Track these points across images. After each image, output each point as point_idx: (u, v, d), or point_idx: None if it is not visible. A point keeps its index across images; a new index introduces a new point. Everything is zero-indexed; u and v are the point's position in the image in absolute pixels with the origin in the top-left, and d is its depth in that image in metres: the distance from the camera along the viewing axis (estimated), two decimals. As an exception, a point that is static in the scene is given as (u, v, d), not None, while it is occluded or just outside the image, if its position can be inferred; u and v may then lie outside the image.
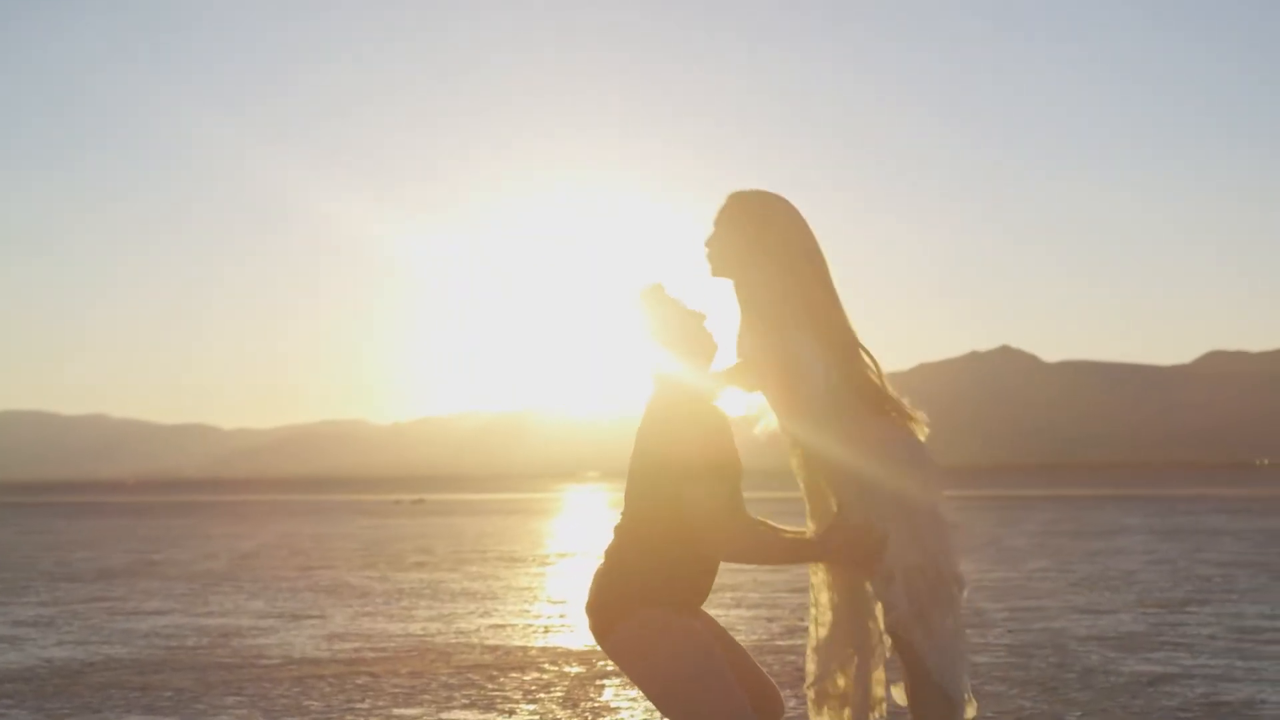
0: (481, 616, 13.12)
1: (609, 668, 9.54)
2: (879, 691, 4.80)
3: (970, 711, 4.67)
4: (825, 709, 4.77)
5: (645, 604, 4.33)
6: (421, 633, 11.83)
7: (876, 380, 4.65)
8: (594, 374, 5.18)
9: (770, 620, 12.27)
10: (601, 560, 4.49)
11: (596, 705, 8.05)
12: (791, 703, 7.61)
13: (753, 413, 4.78)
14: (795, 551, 4.48)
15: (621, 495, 4.63)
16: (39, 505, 73.15)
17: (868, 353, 4.67)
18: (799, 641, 10.87)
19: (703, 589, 4.49)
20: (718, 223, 4.66)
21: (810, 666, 4.81)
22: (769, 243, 4.58)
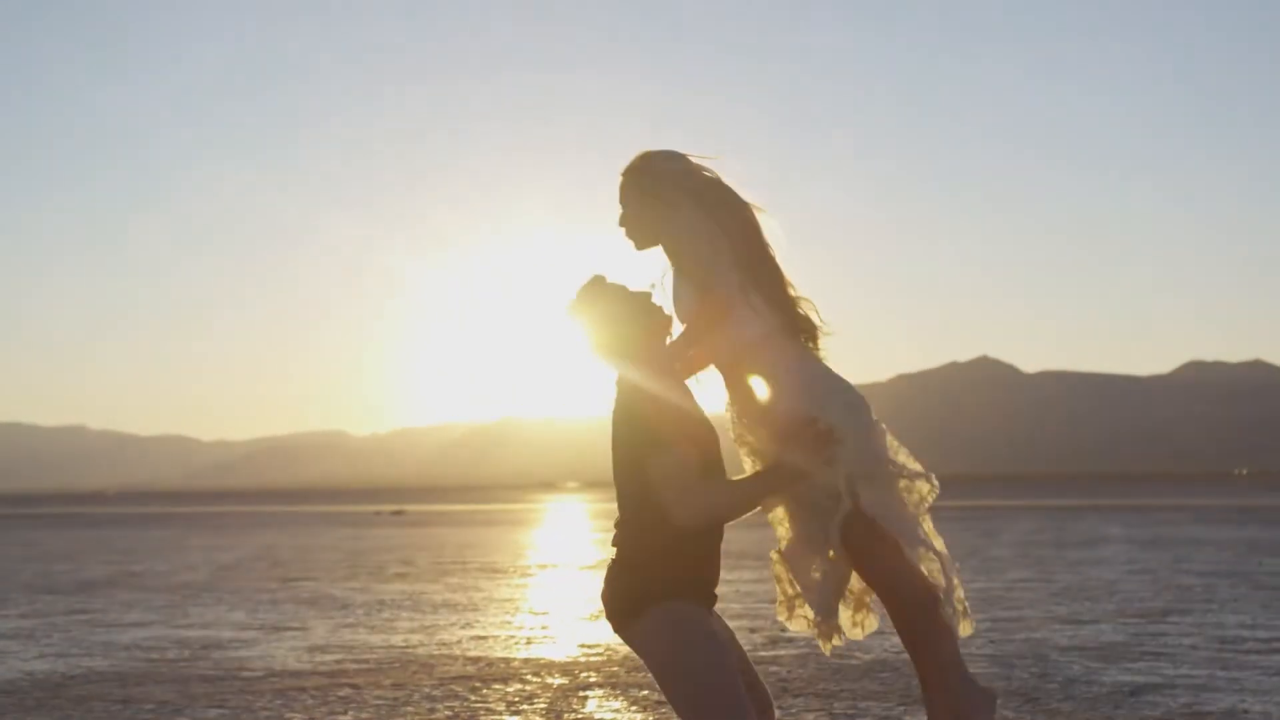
0: (463, 628, 13.10)
1: (592, 679, 9.54)
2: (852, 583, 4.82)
3: (967, 628, 4.69)
4: (796, 613, 4.80)
5: (664, 595, 4.35)
6: (403, 644, 11.80)
7: (794, 300, 4.70)
8: (573, 383, 5.20)
9: (753, 630, 12.26)
10: (614, 552, 4.50)
11: (580, 717, 8.04)
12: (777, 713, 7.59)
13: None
14: (766, 483, 4.47)
15: (604, 501, 4.63)
16: (17, 517, 72.87)
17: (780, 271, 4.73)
18: (782, 652, 10.88)
19: (713, 572, 4.48)
20: (623, 201, 4.72)
21: (780, 572, 4.82)
22: (674, 198, 4.64)
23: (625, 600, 4.41)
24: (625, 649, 11.25)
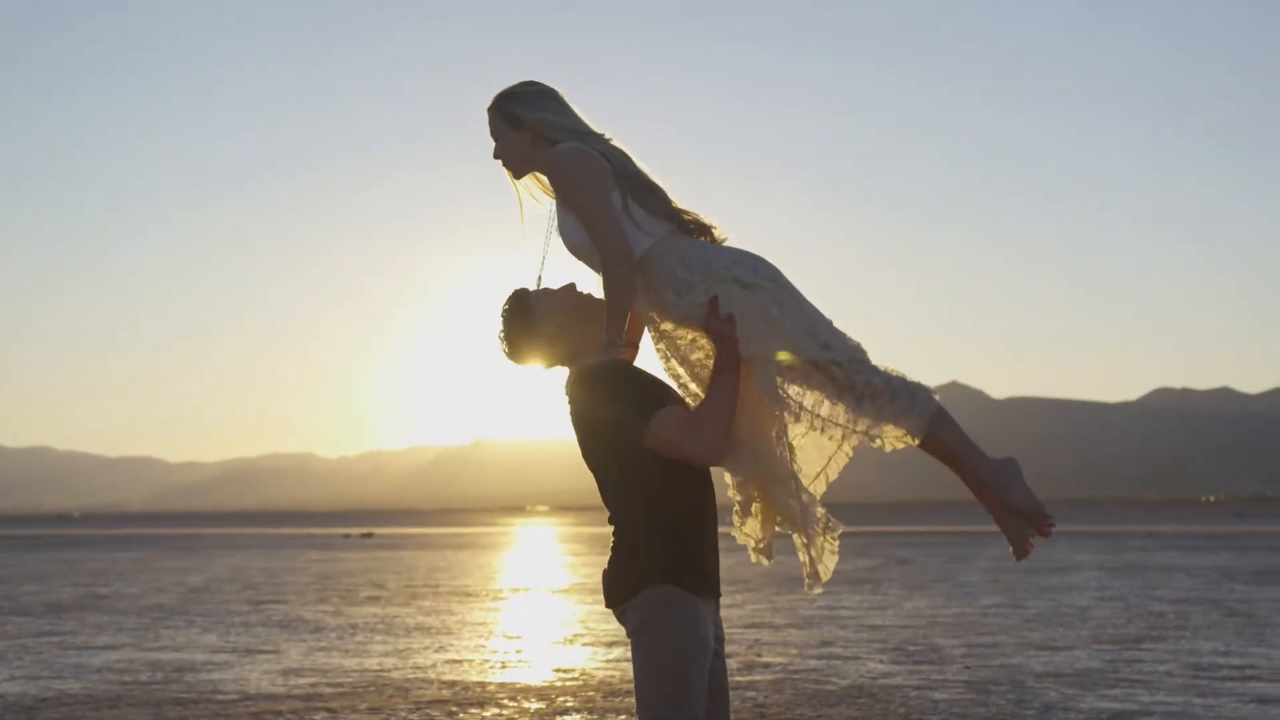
0: (437, 651, 13.05)
1: (569, 704, 9.52)
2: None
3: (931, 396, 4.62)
4: (745, 522, 4.73)
5: (658, 578, 4.33)
6: (378, 668, 11.75)
7: (680, 211, 4.70)
8: (542, 407, 5.17)
9: (728, 656, 12.24)
10: (614, 537, 4.47)
11: (558, 742, 8.02)
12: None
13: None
14: (724, 369, 4.46)
15: (574, 525, 4.59)
16: (-17, 538, 72.47)
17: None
18: (757, 677, 10.87)
19: (707, 557, 4.45)
20: (495, 135, 4.72)
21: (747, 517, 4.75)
22: (544, 123, 4.65)
23: (621, 581, 4.39)
24: (602, 673, 11.24)
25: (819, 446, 4.72)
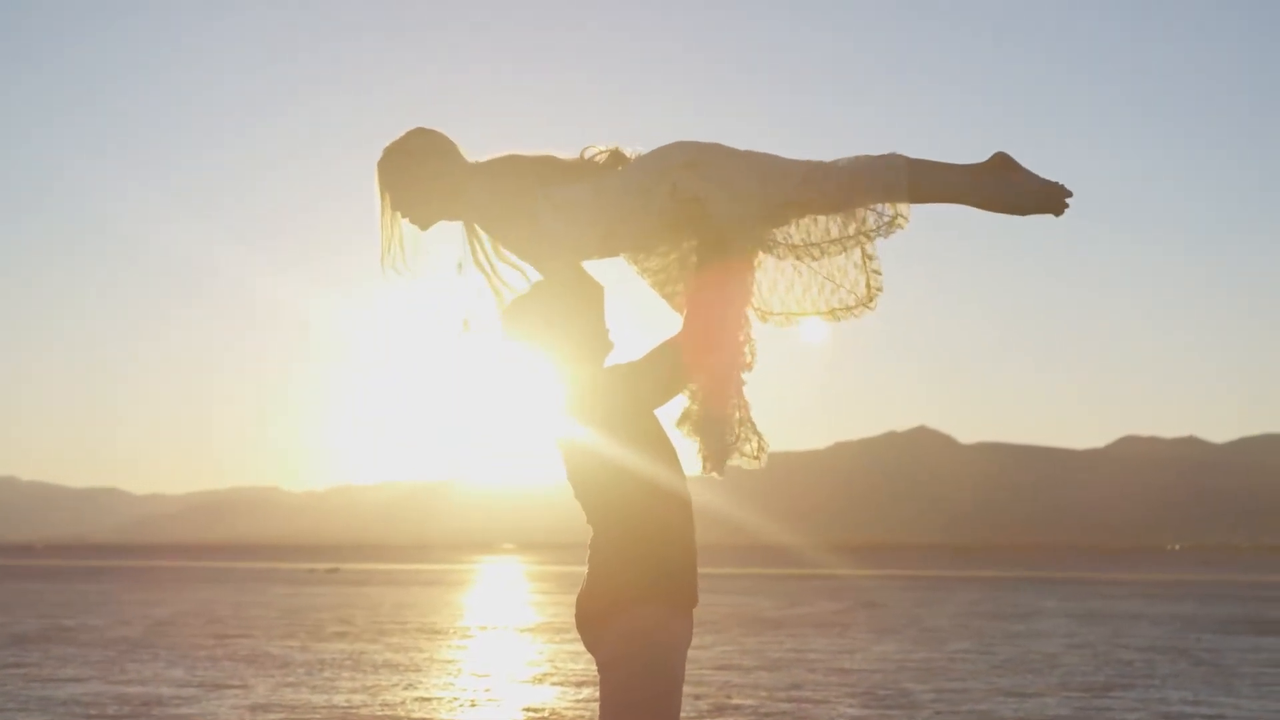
0: (406, 689, 13.00)
1: (539, 744, 9.49)
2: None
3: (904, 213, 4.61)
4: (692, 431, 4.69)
5: (643, 600, 4.25)
6: (346, 705, 11.70)
7: (576, 157, 4.71)
8: (514, 445, 5.12)
9: (697, 698, 12.23)
10: (591, 555, 4.40)
11: (529, 782, 7.99)
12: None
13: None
14: (708, 248, 4.50)
15: (541, 564, 4.54)
16: (-55, 567, 71.90)
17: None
18: (729, 719, 10.86)
19: (688, 565, 4.40)
20: (392, 193, 4.66)
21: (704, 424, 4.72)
22: (441, 174, 4.63)
23: (600, 601, 4.30)
24: (572, 713, 11.20)
25: (842, 270, 4.70)
